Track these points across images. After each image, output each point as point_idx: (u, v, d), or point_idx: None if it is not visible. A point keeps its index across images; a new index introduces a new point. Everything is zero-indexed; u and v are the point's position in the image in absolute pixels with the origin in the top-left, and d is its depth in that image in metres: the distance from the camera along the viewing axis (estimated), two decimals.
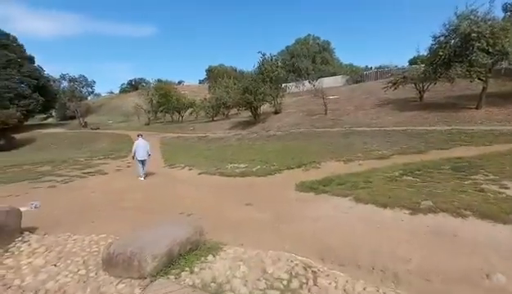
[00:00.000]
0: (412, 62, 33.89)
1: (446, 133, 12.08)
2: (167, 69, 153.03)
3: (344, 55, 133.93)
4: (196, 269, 3.58)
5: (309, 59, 49.69)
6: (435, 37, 15.47)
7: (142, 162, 10.33)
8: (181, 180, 9.93)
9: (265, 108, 24.77)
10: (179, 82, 56.69)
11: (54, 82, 38.85)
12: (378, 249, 4.32)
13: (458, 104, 16.23)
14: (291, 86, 29.55)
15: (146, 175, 10.53)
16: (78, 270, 3.80)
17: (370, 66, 51.94)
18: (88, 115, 38.64)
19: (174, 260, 3.65)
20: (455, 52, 14.36)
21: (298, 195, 7.33)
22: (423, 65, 18.31)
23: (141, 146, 10.28)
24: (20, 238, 4.89)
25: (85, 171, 11.76)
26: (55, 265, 3.95)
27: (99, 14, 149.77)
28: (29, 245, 4.66)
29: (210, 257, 3.92)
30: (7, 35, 32.98)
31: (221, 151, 14.71)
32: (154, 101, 30.48)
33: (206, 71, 53.02)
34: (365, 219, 5.53)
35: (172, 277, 3.41)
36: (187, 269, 3.58)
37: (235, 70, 40.77)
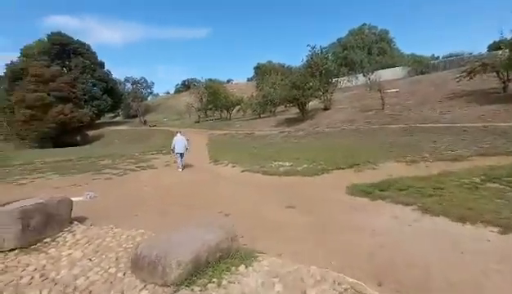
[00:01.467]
0: (493, 47, 28.65)
1: None
2: (217, 69, 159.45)
3: (406, 44, 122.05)
4: (225, 282, 3.12)
5: (364, 50, 46.07)
6: None
7: (181, 155, 11.17)
8: (223, 177, 9.74)
9: (313, 104, 23.56)
10: (228, 81, 58.14)
11: (120, 84, 43.42)
12: (455, 278, 3.33)
13: None
14: (343, 81, 27.64)
15: (184, 167, 11.36)
16: (109, 268, 3.68)
17: (436, 55, 46.00)
18: (148, 114, 42.15)
19: (201, 269, 3.25)
20: None
21: (350, 200, 6.42)
22: (507, 51, 15.17)
23: (179, 141, 11.14)
24: (68, 228, 5.10)
25: (138, 165, 12.48)
26: (90, 260, 3.91)
27: (158, 20, 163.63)
28: (74, 236, 4.80)
29: (242, 268, 3.42)
30: (83, 44, 37.86)
31: (265, 148, 14.26)
32: (204, 100, 31.63)
33: (254, 68, 53.28)
34: (435, 235, 4.47)
35: (197, 288, 3.01)
36: (215, 280, 3.15)
37: (283, 66, 39.94)
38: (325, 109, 22.28)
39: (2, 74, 35.22)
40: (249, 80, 59.77)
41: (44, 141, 26.77)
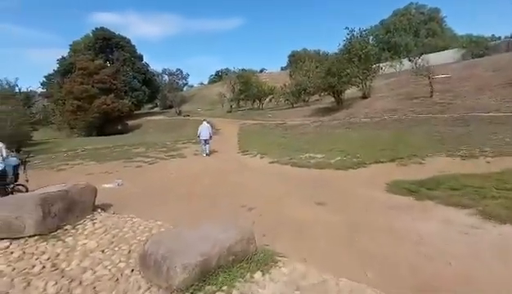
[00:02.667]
0: None
1: None
2: (251, 58, 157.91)
3: (459, 24, 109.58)
4: (235, 292, 2.68)
5: (410, 32, 41.93)
6: None
7: (205, 141, 11.77)
8: (251, 168, 9.34)
9: (351, 92, 22.00)
10: (261, 70, 57.38)
11: (157, 76, 45.11)
12: None
13: None
14: (385, 66, 25.40)
15: (210, 153, 11.97)
16: (119, 262, 3.46)
17: (498, 35, 40.29)
18: (183, 104, 43.30)
19: (211, 273, 2.85)
20: None
21: (390, 198, 5.60)
22: None
23: (205, 128, 11.78)
24: (90, 216, 5.07)
25: (168, 153, 12.63)
26: (102, 251, 3.75)
27: (194, 12, 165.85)
28: (94, 224, 4.73)
29: (258, 276, 2.96)
30: (124, 38, 39.82)
31: (296, 139, 13.55)
32: (236, 89, 31.45)
33: (288, 57, 51.75)
34: (501, 248, 3.58)
35: None
36: (225, 288, 2.72)
37: (319, 53, 38.04)
38: (364, 97, 20.64)
39: (56, 69, 38.68)
40: (282, 69, 58.39)
41: (90, 130, 28.88)
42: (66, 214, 4.71)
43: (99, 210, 5.51)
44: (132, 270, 3.28)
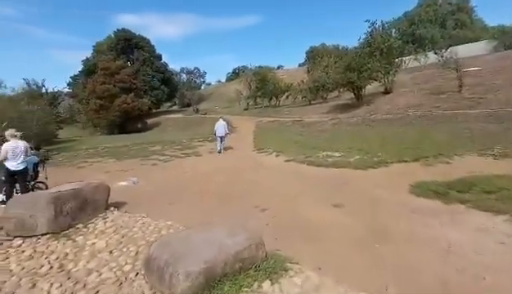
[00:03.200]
0: None
1: None
2: (268, 55, 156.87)
3: (491, 14, 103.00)
4: None
5: (436, 24, 39.63)
6: None
7: (221, 138, 12.00)
8: (266, 167, 9.10)
9: (372, 88, 21.10)
10: (278, 67, 56.72)
11: (176, 75, 45.91)
12: None
13: None
14: (409, 60, 24.14)
15: (225, 150, 12.22)
16: (125, 264, 3.37)
17: None
18: (201, 102, 43.77)
19: (216, 281, 2.66)
20: None
21: (414, 201, 5.17)
22: None
23: (220, 126, 12.04)
24: (102, 215, 5.07)
25: (184, 151, 12.66)
26: (110, 252, 3.68)
27: (212, 11, 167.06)
28: (105, 223, 4.71)
29: (266, 285, 2.74)
30: (144, 39, 40.76)
31: (313, 137, 13.14)
32: (253, 87, 31.21)
33: (306, 53, 50.70)
34: None
35: None
36: None
37: (338, 48, 36.88)
38: (386, 92, 19.71)
39: (80, 69, 40.37)
40: (300, 65, 57.42)
41: (112, 128, 29.85)
42: (79, 212, 4.73)
43: (112, 208, 5.52)
44: (137, 274, 3.17)
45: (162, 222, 4.87)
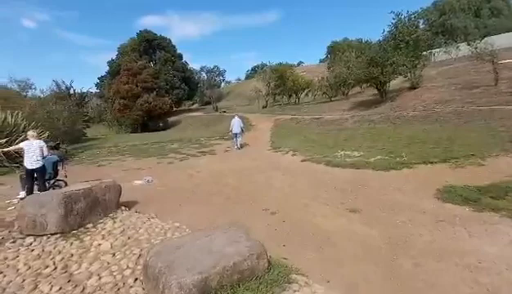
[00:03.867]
0: None
1: None
2: (288, 52, 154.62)
3: None
4: None
5: (470, 13, 36.79)
6: None
7: (236, 135, 12.40)
8: (280, 167, 8.82)
9: (397, 83, 19.98)
10: (298, 64, 55.69)
11: (196, 74, 46.50)
12: None
13: None
14: (438, 53, 22.59)
15: (241, 147, 12.52)
16: (126, 268, 3.31)
17: None
18: (220, 100, 44.06)
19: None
20: None
21: (441, 208, 4.69)
22: None
23: (236, 123, 12.42)
24: (112, 214, 5.09)
25: (200, 150, 12.68)
26: (113, 255, 3.64)
27: (230, 9, 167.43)
28: (113, 223, 4.72)
29: None
30: (165, 39, 41.65)
31: (332, 135, 12.62)
32: (272, 84, 30.82)
33: (327, 48, 49.23)
34: None
35: None
36: None
37: (361, 42, 35.36)
38: (412, 87, 18.52)
39: (106, 71, 42.15)
40: (321, 61, 55.99)
41: (135, 127, 30.87)
42: (89, 212, 4.77)
43: (123, 207, 5.54)
44: (136, 279, 3.09)
45: (169, 223, 4.80)
